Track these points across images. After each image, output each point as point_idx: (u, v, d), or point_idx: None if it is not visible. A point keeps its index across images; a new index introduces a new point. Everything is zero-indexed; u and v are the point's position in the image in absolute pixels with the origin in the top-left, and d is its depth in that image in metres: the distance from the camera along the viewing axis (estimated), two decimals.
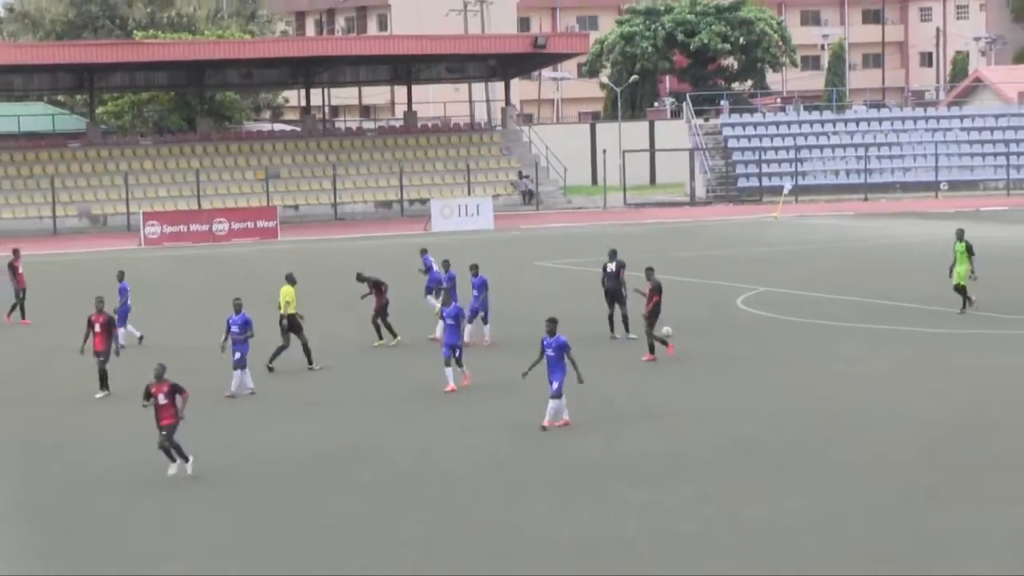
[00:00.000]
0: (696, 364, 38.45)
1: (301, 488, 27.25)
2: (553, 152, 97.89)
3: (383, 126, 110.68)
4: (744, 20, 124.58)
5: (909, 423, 30.86)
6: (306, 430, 32.17)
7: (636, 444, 29.78)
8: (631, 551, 22.82)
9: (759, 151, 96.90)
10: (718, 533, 23.60)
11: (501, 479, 27.39)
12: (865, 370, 36.97)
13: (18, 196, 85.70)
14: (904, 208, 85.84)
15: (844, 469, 27.44)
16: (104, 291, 43.53)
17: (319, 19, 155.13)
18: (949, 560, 21.89)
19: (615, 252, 42.99)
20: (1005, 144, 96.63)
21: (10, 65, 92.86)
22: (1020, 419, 31.00)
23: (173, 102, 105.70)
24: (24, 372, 40.21)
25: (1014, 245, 65.89)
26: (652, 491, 26.32)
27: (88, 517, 25.70)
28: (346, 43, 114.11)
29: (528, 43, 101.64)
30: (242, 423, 32.94)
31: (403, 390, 35.99)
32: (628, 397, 34.56)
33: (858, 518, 24.14)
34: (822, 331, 42.98)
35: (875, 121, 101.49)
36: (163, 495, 27.05)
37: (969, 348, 39.60)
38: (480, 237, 76.95)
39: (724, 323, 45.13)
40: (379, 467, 28.51)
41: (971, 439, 29.40)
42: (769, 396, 34.02)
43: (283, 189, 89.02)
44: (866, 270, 58.03)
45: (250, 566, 22.74)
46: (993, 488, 25.76)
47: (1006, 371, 36.16)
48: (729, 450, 29.10)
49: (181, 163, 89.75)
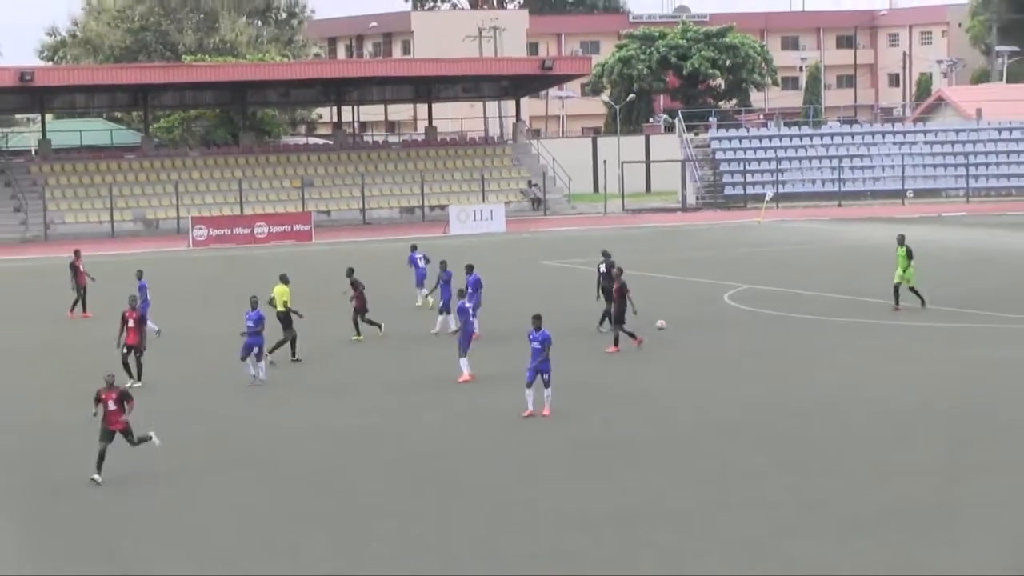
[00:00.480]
0: (687, 354, 38.50)
1: (326, 465, 27.27)
2: (559, 163, 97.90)
3: (406, 140, 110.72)
4: (730, 45, 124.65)
5: (878, 406, 30.94)
6: (326, 413, 32.19)
7: (631, 427, 29.79)
8: (632, 522, 22.82)
9: (744, 162, 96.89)
10: (708, 507, 23.60)
11: (511, 458, 27.41)
12: (838, 359, 37.04)
13: (80, 203, 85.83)
14: (874, 214, 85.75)
15: (822, 448, 27.44)
16: (156, 288, 43.71)
17: (349, 44, 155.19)
18: (922, 527, 21.93)
19: (607, 254, 42.80)
20: (964, 156, 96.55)
21: (73, 85, 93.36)
22: (976, 401, 31.14)
23: (218, 118, 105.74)
24: (72, 360, 40.08)
25: (972, 247, 65.85)
26: (647, 469, 26.33)
27: (139, 485, 25.73)
28: (373, 65, 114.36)
29: (536, 66, 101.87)
30: (266, 407, 32.89)
31: (415, 378, 35.99)
32: (624, 384, 34.58)
33: (838, 492, 24.13)
34: (800, 324, 42.98)
35: (848, 135, 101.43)
36: (199, 471, 27.06)
37: (929, 339, 39.65)
38: (493, 239, 77.06)
39: (712, 317, 45.09)
40: (398, 446, 28.51)
41: (934, 419, 29.47)
42: (753, 383, 34.06)
43: (316, 196, 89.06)
44: (839, 269, 58.00)
45: (283, 534, 22.75)
46: (960, 462, 25.78)
47: (961, 359, 36.28)
48: (717, 432, 29.13)
49: (225, 173, 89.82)
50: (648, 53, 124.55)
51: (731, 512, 23.21)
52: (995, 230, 74.56)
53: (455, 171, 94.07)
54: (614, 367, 36.67)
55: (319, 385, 35.60)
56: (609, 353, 38.20)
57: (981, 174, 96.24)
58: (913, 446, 27.34)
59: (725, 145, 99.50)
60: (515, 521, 23.11)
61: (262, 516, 23.81)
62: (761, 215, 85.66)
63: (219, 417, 32.09)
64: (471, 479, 25.88)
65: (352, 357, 39.85)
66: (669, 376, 35.58)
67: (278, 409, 32.80)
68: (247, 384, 35.01)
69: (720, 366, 36.62)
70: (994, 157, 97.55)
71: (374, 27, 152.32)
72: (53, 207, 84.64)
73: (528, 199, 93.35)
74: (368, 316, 41.84)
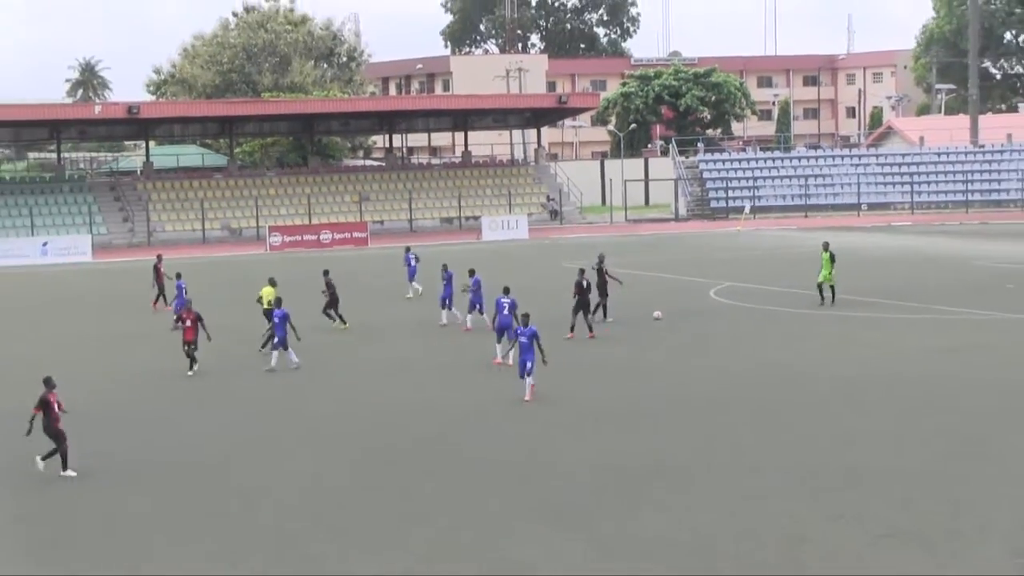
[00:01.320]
0: (678, 339, 38.48)
1: (369, 435, 27.22)
2: (572, 181, 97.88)
3: (446, 162, 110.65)
4: (715, 83, 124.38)
5: (837, 382, 30.91)
6: (359, 392, 32.00)
7: (634, 398, 29.75)
8: (635, 478, 22.78)
9: (726, 180, 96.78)
10: (696, 464, 23.54)
11: (533, 425, 27.38)
12: (804, 343, 36.99)
13: (177, 214, 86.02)
14: (834, 223, 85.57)
15: (791, 415, 27.39)
16: (235, 284, 43.71)
17: (399, 83, 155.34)
18: (868, 475, 21.86)
19: (602, 256, 42.57)
20: (910, 176, 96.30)
21: (172, 117, 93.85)
22: (914, 374, 31.07)
23: (291, 144, 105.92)
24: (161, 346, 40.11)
25: (916, 251, 65.67)
26: (647, 433, 26.28)
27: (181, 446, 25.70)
28: (419, 101, 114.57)
29: (554, 100, 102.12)
30: (306, 389, 32.58)
31: (440, 363, 35.91)
32: (628, 363, 34.57)
33: (804, 454, 24.08)
34: (773, 315, 42.94)
35: (812, 158, 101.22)
36: (266, 440, 27.04)
37: (880, 327, 39.57)
38: (518, 245, 77.15)
39: (700, 309, 45.02)
40: (432, 419, 28.47)
41: (884, 392, 29.39)
42: (734, 363, 34.02)
43: (372, 208, 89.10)
44: (805, 269, 57.65)
45: (346, 479, 22.73)
46: (902, 428, 25.70)
47: (904, 343, 36.20)
48: (705, 403, 29.08)
49: (296, 189, 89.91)
50: (646, 91, 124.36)
51: (716, 471, 23.16)
52: (935, 237, 74.45)
53: (486, 188, 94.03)
54: (619, 350, 36.63)
55: (356, 369, 35.56)
56: (567, 339, 37.55)
57: (923, 190, 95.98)
58: (867, 413, 27.31)
59: (711, 166, 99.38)
60: (536, 475, 23.08)
61: (322, 476, 23.79)
62: (740, 224, 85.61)
63: (294, 394, 32.12)
64: (496, 443, 25.85)
65: (400, 343, 39.75)
66: (665, 356, 35.54)
67: (318, 390, 32.79)
68: (273, 369, 34.43)
69: (707, 349, 36.58)
70: (934, 176, 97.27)
71: (419, 68, 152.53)
72: (155, 217, 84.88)
73: (547, 211, 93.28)
74: (339, 311, 41.29)
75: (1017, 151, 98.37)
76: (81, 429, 25.51)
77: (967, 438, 25.15)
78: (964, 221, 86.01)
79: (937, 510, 20.44)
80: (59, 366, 30.89)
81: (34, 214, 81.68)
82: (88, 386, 32.44)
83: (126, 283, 60.10)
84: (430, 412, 28.90)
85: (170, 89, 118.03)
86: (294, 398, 31.10)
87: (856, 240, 71.48)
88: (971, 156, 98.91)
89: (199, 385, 33.12)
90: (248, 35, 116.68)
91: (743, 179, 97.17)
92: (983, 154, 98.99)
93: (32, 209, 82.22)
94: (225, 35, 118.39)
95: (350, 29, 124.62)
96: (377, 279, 57.06)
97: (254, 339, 38.11)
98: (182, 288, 43.84)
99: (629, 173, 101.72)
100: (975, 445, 24.60)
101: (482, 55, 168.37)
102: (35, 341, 42.07)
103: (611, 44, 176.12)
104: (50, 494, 22.87)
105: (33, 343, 41.56)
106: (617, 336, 38.87)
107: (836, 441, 25.10)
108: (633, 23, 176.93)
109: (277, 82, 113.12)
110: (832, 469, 23.02)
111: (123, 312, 48.88)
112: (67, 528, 20.91)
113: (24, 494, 23.10)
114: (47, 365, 30.33)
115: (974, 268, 56.40)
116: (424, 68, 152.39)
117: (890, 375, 31.70)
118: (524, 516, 20.70)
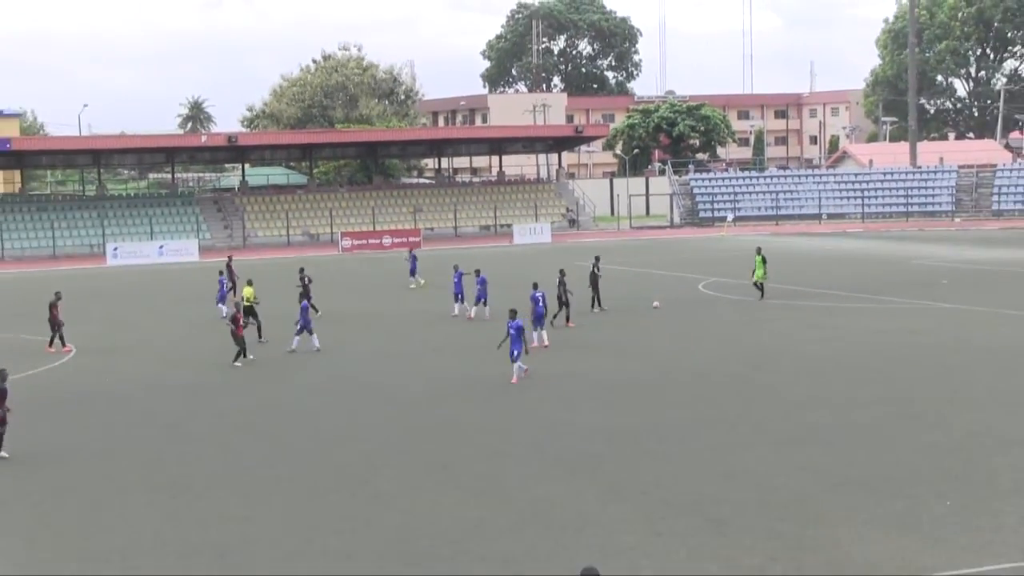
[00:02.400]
0: (671, 325, 38.42)
1: (406, 405, 27.39)
2: (587, 196, 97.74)
3: (484, 180, 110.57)
4: (704, 116, 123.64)
5: (805, 360, 30.88)
6: (391, 371, 31.77)
7: (635, 372, 29.84)
8: (635, 434, 22.90)
9: (712, 195, 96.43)
10: (687, 423, 23.63)
11: (550, 395, 27.50)
12: (775, 326, 36.91)
13: (266, 222, 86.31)
14: (800, 230, 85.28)
15: (763, 385, 27.44)
16: (318, 281, 43.64)
17: (446, 116, 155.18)
18: (824, 432, 21.94)
19: (598, 257, 42.45)
20: (861, 191, 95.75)
21: (263, 144, 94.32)
22: (862, 351, 31.03)
23: (358, 166, 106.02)
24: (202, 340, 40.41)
25: (864, 252, 65.36)
26: (645, 400, 26.40)
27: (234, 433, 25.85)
28: (462, 131, 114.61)
29: (572, 130, 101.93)
30: (343, 367, 32.22)
31: (463, 344, 35.95)
32: (631, 344, 34.54)
33: (774, 415, 24.16)
34: (751, 304, 42.81)
35: (782, 177, 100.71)
36: (317, 414, 27.17)
37: (836, 314, 39.44)
38: (543, 247, 77.03)
39: (690, 299, 45.00)
40: (465, 390, 28.61)
41: (844, 368, 29.40)
42: (717, 343, 34.05)
43: (424, 218, 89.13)
44: (777, 267, 57.59)
45: (392, 441, 22.94)
46: (853, 396, 25.78)
47: (855, 327, 36.08)
48: (692, 375, 29.13)
49: (363, 202, 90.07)
50: (647, 122, 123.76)
51: (702, 429, 23.27)
52: (882, 241, 74.03)
53: (517, 201, 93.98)
54: (624, 333, 36.62)
55: (385, 352, 35.65)
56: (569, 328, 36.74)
57: (872, 203, 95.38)
58: (824, 382, 27.33)
59: (700, 183, 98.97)
60: (557, 432, 23.26)
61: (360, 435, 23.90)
62: (724, 231, 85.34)
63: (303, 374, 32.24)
64: (520, 407, 26.03)
65: (403, 330, 39.69)
66: (661, 338, 35.54)
67: (361, 368, 32.93)
68: (294, 351, 33.34)
69: (696, 332, 36.53)
70: (881, 192, 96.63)
71: (463, 104, 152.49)
72: (249, 225, 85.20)
73: (566, 220, 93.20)
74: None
75: (947, 171, 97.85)
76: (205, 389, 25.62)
77: (901, 401, 25.22)
78: (905, 228, 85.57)
79: (878, 460, 20.57)
80: (166, 346, 31.06)
81: (152, 223, 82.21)
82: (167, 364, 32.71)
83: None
84: (456, 385, 29.06)
85: (261, 122, 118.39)
86: (345, 374, 31.36)
87: (816, 244, 71.26)
88: (911, 175, 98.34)
89: (257, 365, 33.45)
90: (325, 77, 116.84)
91: (726, 194, 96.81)
92: (920, 174, 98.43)
93: (151, 219, 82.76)
94: (307, 77, 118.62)
95: (407, 73, 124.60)
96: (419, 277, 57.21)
97: (343, 321, 38.19)
98: (224, 282, 42.14)
99: (633, 189, 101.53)
100: (907, 406, 24.68)
101: (514, 94, 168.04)
102: (162, 323, 42.40)
103: (618, 84, 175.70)
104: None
105: (162, 324, 41.90)
106: (620, 321, 38.94)
107: (799, 405, 25.18)
108: (636, 67, 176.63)
109: (348, 115, 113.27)
110: (796, 427, 23.12)
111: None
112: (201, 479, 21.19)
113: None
114: (167, 344, 30.46)
115: (914, 266, 56.20)
116: (467, 104, 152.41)
117: (842, 352, 31.71)
118: (549, 464, 20.90)
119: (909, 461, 20.44)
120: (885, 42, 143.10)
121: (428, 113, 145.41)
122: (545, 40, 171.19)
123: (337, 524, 17.84)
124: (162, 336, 38.61)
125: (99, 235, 79.67)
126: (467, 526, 17.54)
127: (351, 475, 20.59)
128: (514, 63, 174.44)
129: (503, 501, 18.78)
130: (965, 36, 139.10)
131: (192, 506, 19.01)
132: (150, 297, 51.92)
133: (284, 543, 17.01)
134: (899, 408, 24.69)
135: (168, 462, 21.89)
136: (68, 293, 43.11)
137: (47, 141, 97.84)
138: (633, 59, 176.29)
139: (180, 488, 20.02)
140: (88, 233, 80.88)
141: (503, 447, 22.23)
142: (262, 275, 48.33)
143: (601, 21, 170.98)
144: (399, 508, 18.56)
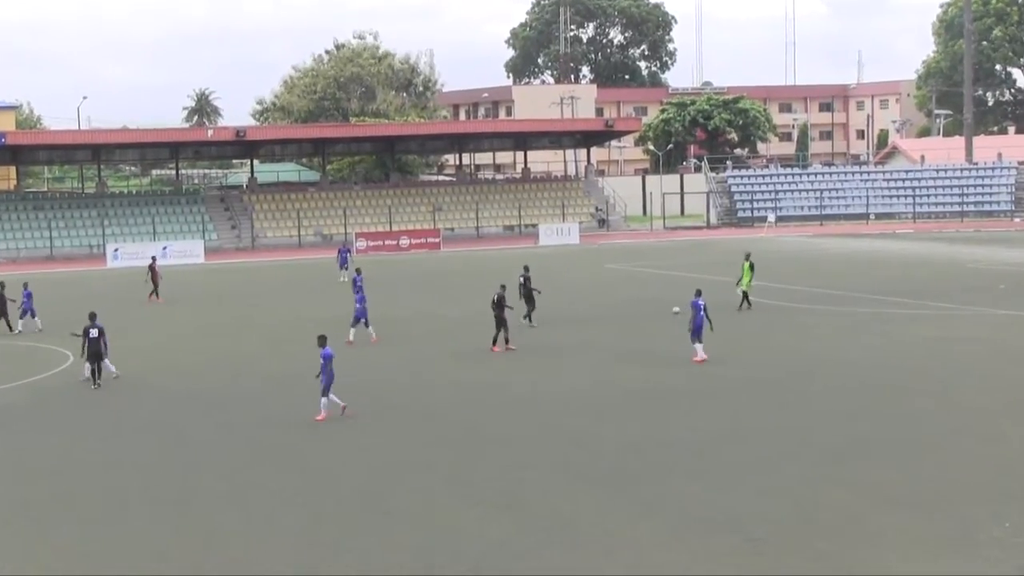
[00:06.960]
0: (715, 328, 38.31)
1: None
2: (617, 194, 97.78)
3: (508, 177, 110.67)
4: (742, 109, 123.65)
5: (852, 368, 30.79)
6: (432, 370, 32.18)
7: (671, 379, 29.78)
8: (665, 446, 22.88)
9: (751, 193, 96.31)
10: (720, 438, 23.60)
11: (583, 401, 27.50)
12: (821, 333, 36.88)
13: (276, 222, 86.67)
14: (846, 231, 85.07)
15: (810, 396, 27.35)
16: (322, 281, 43.82)
17: (468, 109, 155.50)
18: (873, 445, 21.90)
19: (527, 268, 41.44)
20: (912, 189, 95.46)
21: (272, 139, 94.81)
22: (913, 360, 30.91)
23: (374, 162, 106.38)
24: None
25: (916, 254, 65.15)
26: (680, 410, 26.37)
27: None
28: (484, 124, 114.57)
29: (601, 124, 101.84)
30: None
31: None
32: (665, 351, 34.45)
33: (818, 429, 24.09)
34: (791, 309, 42.78)
35: (827, 174, 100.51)
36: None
37: (884, 320, 39.33)
38: (570, 249, 77.07)
39: (727, 304, 44.81)
40: (501, 389, 28.69)
41: (893, 377, 29.29)
42: (758, 351, 33.96)
43: (444, 217, 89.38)
44: (821, 270, 57.63)
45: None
46: (909, 406, 25.69)
47: (904, 333, 35.94)
48: (729, 383, 29.07)
49: (379, 201, 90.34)
50: (682, 115, 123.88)
51: (740, 441, 23.23)
52: (934, 243, 73.74)
53: (543, 199, 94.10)
54: (657, 339, 36.56)
55: (419, 353, 35.78)
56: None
57: (924, 202, 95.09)
58: (870, 394, 27.21)
59: (738, 181, 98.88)
60: (585, 445, 23.29)
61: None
62: (764, 231, 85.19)
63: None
64: (545, 418, 26.05)
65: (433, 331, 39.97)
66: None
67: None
68: (351, 342, 34.83)
69: (737, 336, 36.40)
70: (934, 190, 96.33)
71: (485, 97, 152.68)
72: (258, 225, 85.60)
73: (595, 220, 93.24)
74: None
75: (1006, 168, 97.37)
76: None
77: (955, 413, 25.10)
78: (960, 229, 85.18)
79: (930, 476, 20.48)
80: (168, 351, 31.23)
81: (156, 222, 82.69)
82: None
83: (233, 280, 60.85)
84: (479, 392, 29.14)
85: (272, 115, 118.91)
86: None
87: (864, 245, 71.09)
88: (966, 172, 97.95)
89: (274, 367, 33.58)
90: (339, 68, 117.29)
91: (766, 192, 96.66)
92: (977, 171, 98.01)
93: (154, 218, 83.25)
94: (319, 68, 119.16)
95: (426, 63, 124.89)
96: (444, 278, 57.30)
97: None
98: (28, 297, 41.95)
99: (667, 187, 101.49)
100: (962, 418, 24.54)
101: (540, 85, 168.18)
102: (172, 327, 42.67)
103: (651, 75, 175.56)
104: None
105: (173, 329, 42.16)
106: (651, 327, 38.90)
107: (845, 416, 25.09)
108: (670, 57, 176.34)
109: (363, 108, 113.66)
110: (842, 439, 23.02)
111: (228, 303, 49.45)
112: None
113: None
114: (169, 350, 30.61)
115: (968, 270, 55.96)
116: (489, 96, 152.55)
117: (891, 360, 31.60)
118: (576, 479, 20.90)
119: (964, 478, 20.35)
120: (939, 30, 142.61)
121: (448, 106, 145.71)
122: (573, 28, 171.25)
123: (351, 542, 17.89)
124: (162, 339, 38.83)
125: (99, 235, 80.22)
126: (489, 544, 17.58)
127: (366, 490, 20.66)
128: (540, 52, 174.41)
129: (528, 517, 18.81)
130: (1022, 21, 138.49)
131: (197, 521, 19.11)
132: (150, 299, 52.16)
133: (296, 561, 17.09)
134: (952, 420, 24.59)
135: (173, 474, 22.01)
136: (67, 295, 43.34)
137: (44, 135, 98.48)
138: (667, 48, 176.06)
139: (183, 502, 20.13)
140: (87, 233, 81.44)
141: (528, 459, 22.26)
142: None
143: (633, 7, 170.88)
144: (416, 525, 18.61)
